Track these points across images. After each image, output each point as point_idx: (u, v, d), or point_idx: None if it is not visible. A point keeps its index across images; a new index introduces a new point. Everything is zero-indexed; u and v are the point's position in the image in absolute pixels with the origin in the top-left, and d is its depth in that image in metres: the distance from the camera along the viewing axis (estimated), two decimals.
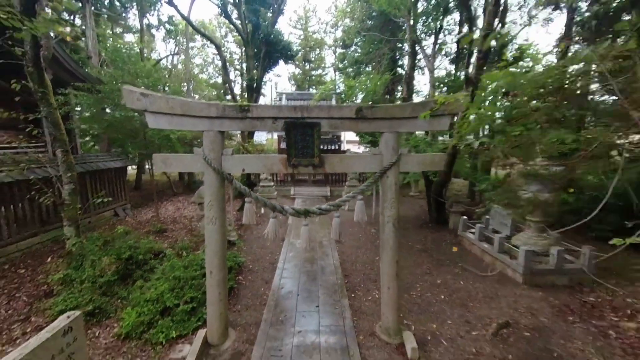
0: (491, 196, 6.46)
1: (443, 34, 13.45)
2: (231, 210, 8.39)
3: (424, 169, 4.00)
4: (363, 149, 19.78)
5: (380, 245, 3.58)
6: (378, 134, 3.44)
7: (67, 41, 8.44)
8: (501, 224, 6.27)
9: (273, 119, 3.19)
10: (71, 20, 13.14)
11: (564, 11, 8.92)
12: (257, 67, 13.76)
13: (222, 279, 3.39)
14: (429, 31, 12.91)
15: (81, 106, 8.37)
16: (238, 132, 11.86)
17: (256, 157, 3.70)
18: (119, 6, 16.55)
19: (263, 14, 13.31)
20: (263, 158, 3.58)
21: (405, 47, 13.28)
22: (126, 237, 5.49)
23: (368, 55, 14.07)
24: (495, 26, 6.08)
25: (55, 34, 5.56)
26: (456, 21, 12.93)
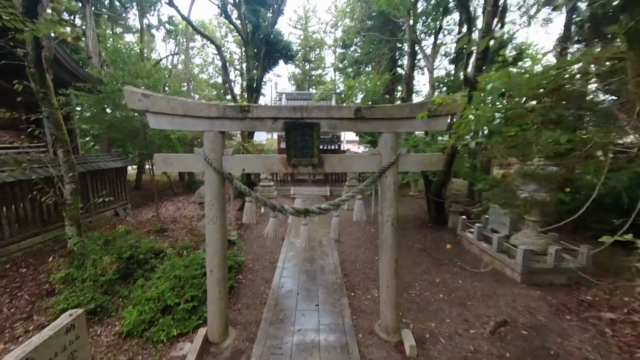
0: (488, 196, 6.50)
1: (442, 34, 13.47)
2: (231, 210, 8.42)
3: (423, 168, 4.03)
4: (363, 149, 19.82)
5: (379, 245, 3.61)
6: (377, 134, 3.48)
7: (68, 41, 8.46)
8: (500, 223, 6.30)
9: (273, 119, 3.22)
10: (71, 20, 13.17)
11: (563, 11, 8.95)
12: (257, 67, 13.78)
13: (222, 277, 3.42)
14: (428, 31, 12.93)
15: (81, 106, 8.41)
16: (238, 132, 11.89)
17: (256, 157, 3.74)
18: (119, 6, 16.58)
19: (263, 14, 13.34)
20: (263, 158, 3.61)
21: (404, 47, 13.29)
22: (127, 237, 5.53)
23: (368, 55, 14.08)
24: (494, 26, 6.11)
25: (56, 35, 5.59)
26: (456, 21, 12.96)
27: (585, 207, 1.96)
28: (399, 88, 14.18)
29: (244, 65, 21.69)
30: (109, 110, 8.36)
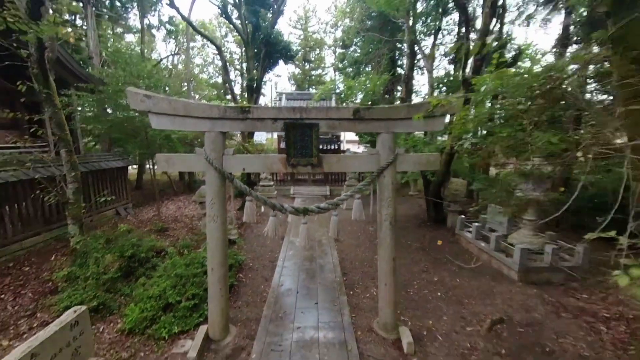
0: (484, 195, 6.55)
1: (442, 34, 13.54)
2: (232, 209, 8.47)
3: (421, 168, 4.08)
4: (363, 149, 19.86)
5: (378, 243, 3.67)
6: (376, 134, 3.53)
7: (69, 42, 8.52)
8: (497, 222, 6.36)
9: (273, 119, 3.28)
10: (72, 20, 13.22)
11: (562, 12, 8.99)
12: (257, 67, 13.85)
13: (223, 275, 3.48)
14: (428, 31, 12.99)
15: (82, 107, 8.46)
16: (238, 132, 11.94)
17: (256, 157, 3.80)
18: (120, 7, 16.63)
19: (263, 14, 13.40)
20: (263, 158, 3.67)
21: (404, 48, 13.35)
22: (128, 236, 5.58)
23: (367, 56, 14.14)
24: (493, 27, 6.18)
25: (59, 36, 5.65)
26: (455, 21, 13.01)
27: (567, 206, 2.05)
28: (399, 88, 14.23)
29: (244, 65, 21.74)
30: (110, 110, 8.42)
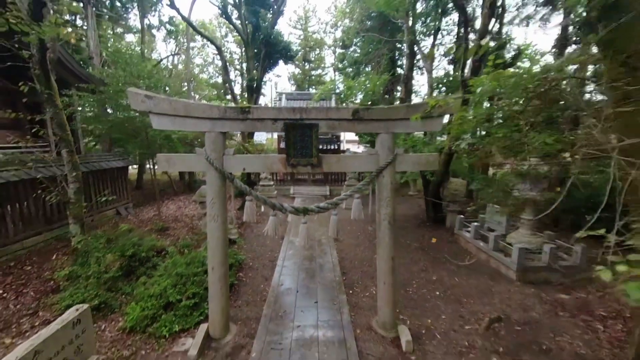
0: (482, 195, 6.59)
1: (441, 35, 13.56)
2: (232, 209, 8.50)
3: (420, 168, 4.12)
4: (363, 148, 19.88)
5: (377, 242, 3.70)
6: (375, 135, 3.56)
7: (70, 42, 8.55)
8: (496, 222, 6.39)
9: (273, 120, 3.31)
10: (72, 20, 13.25)
11: (561, 12, 9.01)
12: (257, 67, 13.88)
13: (223, 274, 3.51)
14: (427, 32, 13.01)
15: (82, 107, 8.49)
16: (238, 132, 11.97)
17: (256, 157, 3.83)
18: (120, 7, 16.65)
19: (263, 15, 13.43)
20: (263, 158, 3.70)
21: (404, 48, 13.38)
22: (129, 235, 5.61)
23: (367, 56, 14.16)
24: (492, 27, 6.22)
25: (61, 37, 5.68)
26: (455, 22, 13.03)
27: (557, 203, 2.10)
28: (398, 88, 14.26)
29: (244, 66, 21.76)
30: (110, 111, 8.45)
